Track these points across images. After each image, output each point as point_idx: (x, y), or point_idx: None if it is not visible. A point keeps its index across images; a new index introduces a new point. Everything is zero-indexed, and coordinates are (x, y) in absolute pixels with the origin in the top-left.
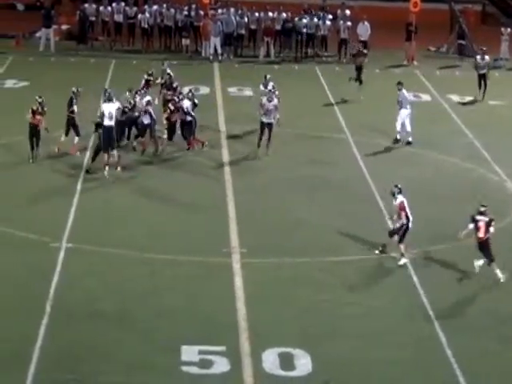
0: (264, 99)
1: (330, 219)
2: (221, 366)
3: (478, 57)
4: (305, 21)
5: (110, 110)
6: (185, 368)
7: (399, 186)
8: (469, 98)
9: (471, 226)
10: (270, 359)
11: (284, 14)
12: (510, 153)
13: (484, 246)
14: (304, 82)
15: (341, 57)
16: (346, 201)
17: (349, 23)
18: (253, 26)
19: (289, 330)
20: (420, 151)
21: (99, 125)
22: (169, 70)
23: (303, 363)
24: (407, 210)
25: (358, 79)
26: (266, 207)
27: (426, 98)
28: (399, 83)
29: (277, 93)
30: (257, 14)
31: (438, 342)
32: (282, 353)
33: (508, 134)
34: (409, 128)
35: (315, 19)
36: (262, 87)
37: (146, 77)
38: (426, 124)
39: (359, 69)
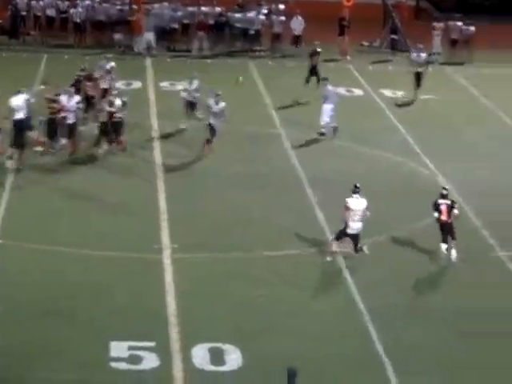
0: (212, 101)
1: (265, 214)
2: (150, 361)
3: (415, 54)
4: (238, 15)
5: (18, 102)
6: (114, 364)
7: (358, 185)
8: (401, 93)
9: (436, 214)
10: (200, 354)
11: (218, 9)
12: (442, 147)
13: (449, 229)
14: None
15: (274, 51)
16: (280, 196)
17: (282, 17)
18: (186, 21)
19: (220, 326)
20: (353, 146)
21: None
22: (109, 66)
23: (233, 358)
24: (349, 212)
25: (312, 77)
26: (199, 205)
27: (358, 92)
28: (324, 79)
29: (195, 85)
30: (190, 9)
31: (369, 338)
32: (212, 348)
33: (440, 129)
34: (329, 121)
35: (249, 13)
36: (187, 85)
37: (77, 73)
38: (358, 119)
39: (314, 68)
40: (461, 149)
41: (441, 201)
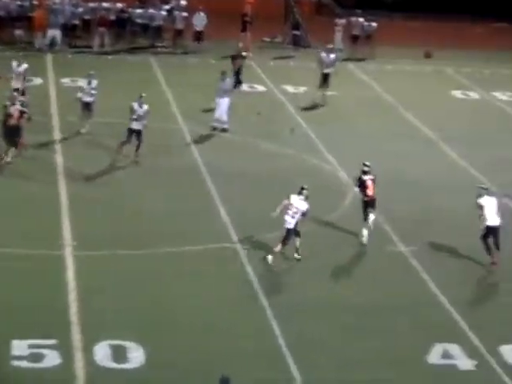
0: (136, 105)
1: (168, 210)
2: (52, 359)
3: (324, 54)
4: (139, 11)
5: None
6: (15, 362)
7: (305, 187)
8: (303, 89)
9: (357, 188)
10: (102, 352)
11: (119, 4)
12: (343, 143)
13: (373, 204)
14: (139, 73)
15: (176, 47)
16: (182, 192)
17: (185, 13)
18: (87, 16)
19: (122, 323)
20: (256, 142)
21: None
22: (22, 69)
23: (136, 356)
24: (290, 211)
25: (238, 81)
26: (103, 201)
27: (261, 88)
28: (223, 73)
29: (94, 84)
30: (91, 4)
31: (271, 331)
32: (115, 345)
33: (342, 125)
34: (225, 117)
35: (150, 9)
36: (85, 84)
37: None
38: (260, 115)
39: (238, 71)
40: (362, 144)
41: (365, 177)
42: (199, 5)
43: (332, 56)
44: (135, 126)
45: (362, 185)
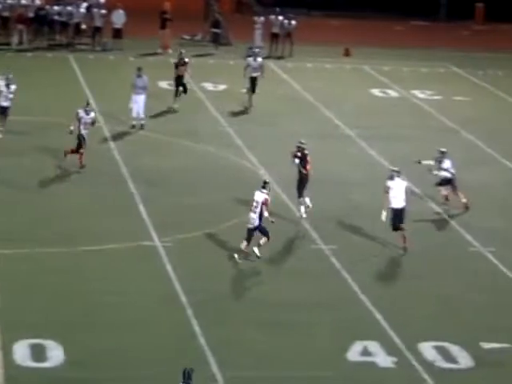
0: (81, 112)
1: (86, 208)
2: None
3: (251, 58)
4: (58, 8)
5: None
6: None
7: (267, 180)
8: (223, 86)
9: (297, 161)
10: (21, 351)
11: (37, 1)
12: (262, 140)
13: (307, 180)
14: (57, 70)
15: (95, 45)
16: (101, 190)
17: (103, 11)
18: (5, 14)
19: (41, 322)
20: (175, 139)
21: None
22: None
23: (55, 354)
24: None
25: (184, 90)
26: (23, 200)
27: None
28: (138, 69)
29: (12, 88)
30: (10, 1)
31: (191, 330)
32: (34, 344)
33: (263, 123)
34: (142, 114)
35: (69, 7)
36: (2, 87)
37: None
38: (180, 113)
39: (179, 78)
40: (283, 142)
41: (306, 151)
42: (118, 2)
43: (259, 60)
44: (84, 132)
45: (304, 159)
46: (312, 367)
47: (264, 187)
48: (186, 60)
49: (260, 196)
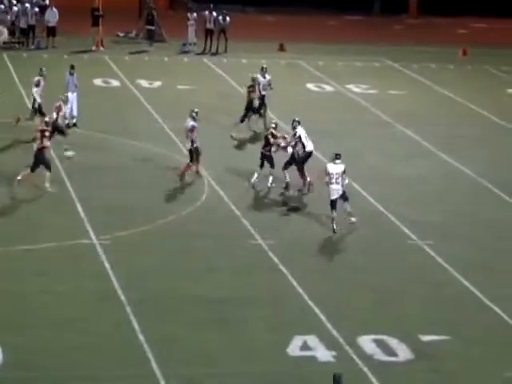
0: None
1: (23, 207)
2: None
3: (259, 75)
4: None
5: None
6: None
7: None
8: (158, 83)
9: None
10: None
11: None
12: (198, 137)
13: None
14: None
15: (28, 43)
16: (40, 188)
17: (36, 9)
18: None
19: None
20: (109, 137)
21: None
22: None
23: None
24: None
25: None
26: None
27: (115, 83)
28: (71, 67)
29: None
30: None
31: (130, 328)
32: None
33: (199, 119)
34: (75, 111)
35: (1, 5)
36: None
37: None
38: (115, 110)
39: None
40: (219, 137)
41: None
42: (51, 0)
43: (268, 77)
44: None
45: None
46: (252, 363)
47: (337, 158)
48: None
49: (337, 168)
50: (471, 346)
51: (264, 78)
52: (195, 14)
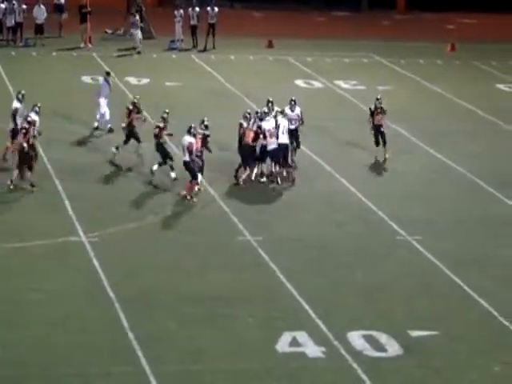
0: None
1: (14, 205)
2: None
3: (287, 108)
4: None
5: None
6: None
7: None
8: (146, 80)
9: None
10: None
11: None
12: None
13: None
14: None
15: (16, 41)
16: (25, 185)
17: (24, 6)
18: None
19: None
20: (99, 134)
21: None
22: None
23: None
24: None
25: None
26: None
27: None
28: (107, 73)
29: None
30: None
31: (120, 325)
32: None
33: (185, 115)
34: (108, 116)
35: None
36: None
37: None
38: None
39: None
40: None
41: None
42: None
43: (297, 110)
44: None
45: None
46: (242, 359)
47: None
48: (384, 108)
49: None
50: (460, 341)
51: (292, 111)
52: (182, 11)
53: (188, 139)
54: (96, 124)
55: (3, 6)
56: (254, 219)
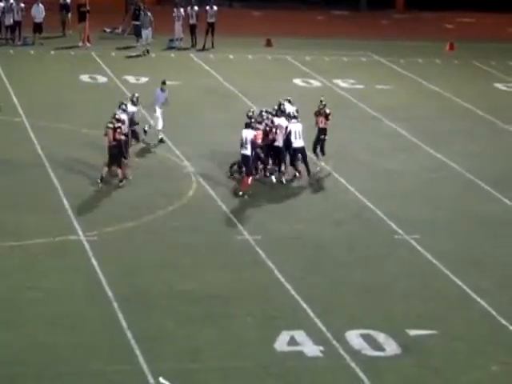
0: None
1: (12, 203)
2: None
3: (291, 124)
4: None
5: None
6: None
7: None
8: (145, 79)
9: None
10: None
11: None
12: (188, 133)
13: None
14: None
15: (14, 40)
16: (24, 183)
17: (22, 5)
18: None
19: None
20: (98, 133)
21: None
22: None
23: None
24: None
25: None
26: None
27: (102, 79)
28: (163, 83)
29: None
30: None
31: (118, 324)
32: None
33: (184, 114)
34: (161, 126)
35: None
36: None
37: None
38: (102, 106)
39: None
40: (207, 134)
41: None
42: None
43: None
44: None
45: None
46: (240, 358)
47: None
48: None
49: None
50: (459, 341)
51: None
52: (182, 10)
53: (250, 132)
54: (160, 136)
55: (2, 4)
56: (252, 218)
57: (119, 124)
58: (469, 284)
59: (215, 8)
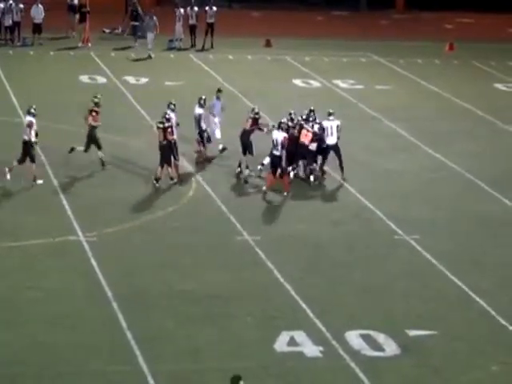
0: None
1: (11, 203)
2: None
3: (325, 121)
4: None
5: None
6: None
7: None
8: (144, 79)
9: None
10: None
11: None
12: (185, 133)
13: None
14: None
15: (14, 40)
16: (26, 185)
17: (21, 5)
18: None
19: None
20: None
21: None
22: None
23: None
24: None
25: None
26: None
27: (101, 80)
28: (219, 90)
29: None
30: None
31: (117, 324)
32: None
33: (184, 115)
34: (219, 135)
35: None
36: None
37: None
38: (102, 106)
39: None
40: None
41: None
42: None
43: (338, 122)
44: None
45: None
46: (240, 359)
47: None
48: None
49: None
50: (458, 341)
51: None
52: (182, 10)
53: (281, 134)
54: (221, 146)
55: (1, 5)
56: (252, 219)
57: (169, 124)
58: (469, 284)
59: (214, 8)
